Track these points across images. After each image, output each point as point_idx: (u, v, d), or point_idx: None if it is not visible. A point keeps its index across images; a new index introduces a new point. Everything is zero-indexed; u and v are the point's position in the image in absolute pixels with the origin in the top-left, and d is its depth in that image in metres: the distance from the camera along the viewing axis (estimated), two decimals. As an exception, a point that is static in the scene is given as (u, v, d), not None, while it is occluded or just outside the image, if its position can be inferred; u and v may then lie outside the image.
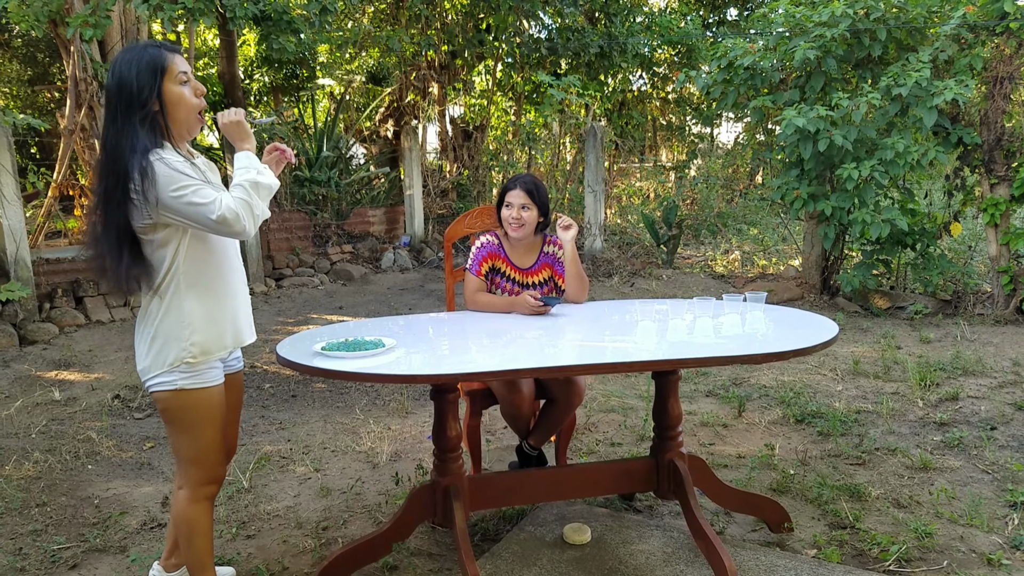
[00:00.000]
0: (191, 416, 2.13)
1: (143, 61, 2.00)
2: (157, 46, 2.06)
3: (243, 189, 2.06)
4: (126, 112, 1.99)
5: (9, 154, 5.95)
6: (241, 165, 2.11)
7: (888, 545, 2.75)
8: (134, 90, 1.99)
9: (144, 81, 1.99)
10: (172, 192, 1.95)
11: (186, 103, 2.06)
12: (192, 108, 2.08)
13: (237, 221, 1.99)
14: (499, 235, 3.15)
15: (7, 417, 4.32)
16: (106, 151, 2.02)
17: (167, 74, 2.02)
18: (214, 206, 1.96)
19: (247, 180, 2.07)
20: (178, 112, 2.05)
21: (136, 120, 1.99)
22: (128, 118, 1.99)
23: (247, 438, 4.00)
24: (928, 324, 6.12)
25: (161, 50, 2.04)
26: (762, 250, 9.57)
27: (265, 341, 5.87)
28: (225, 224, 1.98)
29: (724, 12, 13.88)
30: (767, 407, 4.32)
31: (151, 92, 2.00)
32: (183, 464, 2.20)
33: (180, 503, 2.20)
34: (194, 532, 2.20)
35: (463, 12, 10.51)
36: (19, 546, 2.92)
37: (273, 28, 7.88)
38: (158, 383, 2.10)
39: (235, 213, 1.99)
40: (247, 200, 2.04)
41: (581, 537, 2.79)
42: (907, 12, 6.16)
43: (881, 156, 5.84)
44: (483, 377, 2.47)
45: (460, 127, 11.28)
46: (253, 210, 2.05)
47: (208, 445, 2.17)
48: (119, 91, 2.00)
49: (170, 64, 2.03)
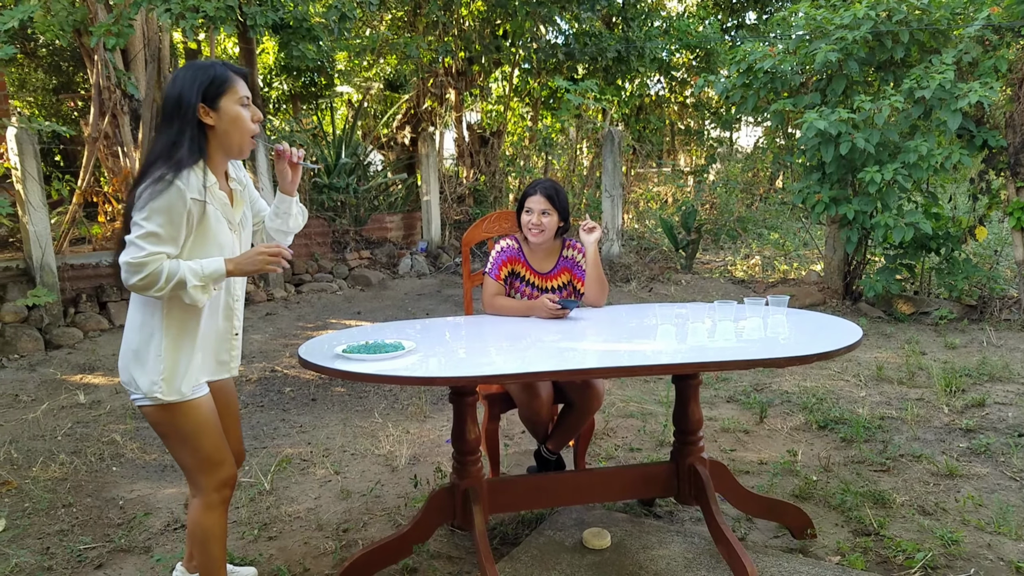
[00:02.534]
0: (186, 426, 2.11)
1: (205, 75, 2.02)
2: (224, 65, 2.08)
3: (176, 267, 1.98)
4: (175, 122, 2.01)
5: (35, 161, 6.04)
6: (208, 267, 2.03)
7: (913, 552, 2.72)
8: (186, 100, 2.01)
9: (198, 94, 2.01)
10: (137, 212, 1.95)
11: (242, 125, 2.08)
12: (247, 131, 2.10)
13: (131, 274, 1.96)
14: (519, 239, 3.15)
15: (34, 420, 4.37)
16: (147, 158, 2.05)
17: (229, 93, 2.04)
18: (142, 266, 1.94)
19: (187, 268, 1.99)
20: (233, 132, 2.07)
21: (181, 130, 2.01)
22: (179, 128, 2.01)
23: (268, 440, 4.02)
24: (953, 330, 6.04)
25: (227, 70, 2.07)
26: (783, 255, 9.50)
27: (285, 345, 5.90)
28: (125, 272, 1.96)
29: (743, 16, 13.82)
30: (789, 413, 4.28)
31: (206, 104, 2.02)
32: (190, 474, 2.19)
33: (194, 511, 2.20)
34: (208, 538, 2.19)
35: (480, 18, 10.54)
36: (46, 545, 2.95)
37: (292, 36, 7.95)
38: (142, 398, 2.10)
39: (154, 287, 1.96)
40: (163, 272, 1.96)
41: (601, 542, 2.77)
42: (930, 14, 6.10)
43: (904, 159, 5.78)
44: (502, 379, 2.47)
45: (477, 133, 11.31)
46: (151, 283, 1.97)
47: (210, 451, 2.15)
48: (175, 101, 2.02)
49: (234, 84, 2.06)
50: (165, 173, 1.95)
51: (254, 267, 2.10)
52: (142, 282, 1.95)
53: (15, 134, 5.94)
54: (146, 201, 1.93)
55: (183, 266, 1.99)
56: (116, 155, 6.90)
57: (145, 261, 1.94)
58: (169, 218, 1.96)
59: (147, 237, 1.94)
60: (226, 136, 2.07)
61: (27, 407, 4.61)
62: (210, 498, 2.18)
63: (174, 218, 1.97)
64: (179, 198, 1.96)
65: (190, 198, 1.98)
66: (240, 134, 2.08)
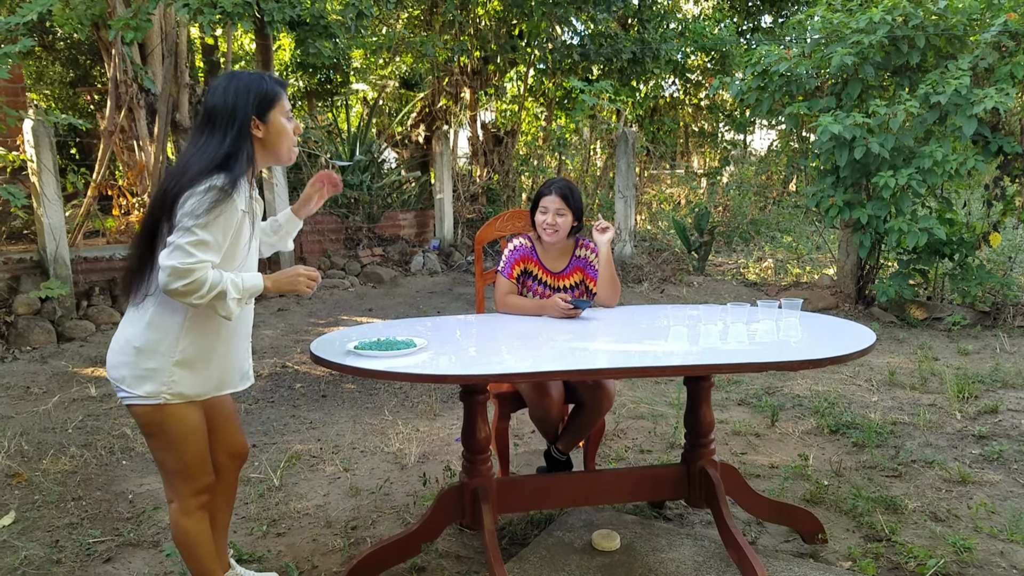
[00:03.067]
0: (174, 430, 2.10)
1: (258, 90, 2.06)
2: (272, 79, 2.12)
3: (219, 277, 1.98)
4: (229, 132, 2.03)
5: (51, 154, 6.07)
6: (248, 281, 2.06)
7: (925, 559, 2.70)
8: (240, 112, 2.04)
9: (253, 107, 2.05)
10: (187, 218, 1.93)
11: (288, 137, 2.14)
12: (292, 143, 2.16)
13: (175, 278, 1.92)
14: (532, 238, 3.15)
15: (45, 412, 4.39)
16: (182, 162, 2.05)
17: (278, 106, 2.10)
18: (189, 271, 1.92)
19: (230, 279, 2.00)
20: (281, 144, 2.13)
21: (236, 142, 2.03)
22: (234, 139, 2.03)
23: (278, 436, 4.03)
24: (966, 336, 6.00)
25: (275, 84, 2.11)
26: (796, 258, 9.46)
27: (296, 341, 5.92)
28: (169, 275, 1.92)
29: (758, 19, 13.77)
30: (801, 417, 4.26)
31: (257, 118, 2.07)
32: (169, 477, 2.17)
33: (175, 518, 2.18)
34: (193, 544, 2.19)
35: (496, 18, 10.54)
36: (56, 538, 2.97)
37: (309, 33, 7.96)
38: (133, 397, 2.07)
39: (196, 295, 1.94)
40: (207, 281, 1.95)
41: (610, 544, 2.76)
42: (946, 19, 6.05)
43: (919, 164, 5.74)
44: (513, 379, 2.46)
45: (491, 132, 11.30)
46: (194, 290, 1.94)
47: (193, 457, 2.14)
48: (229, 112, 2.04)
49: (282, 98, 2.11)
50: (224, 185, 1.96)
51: (291, 287, 2.15)
52: (184, 287, 1.93)
53: (32, 126, 5.97)
54: (205, 209, 1.93)
55: (226, 277, 1.99)
56: (132, 149, 6.93)
57: (192, 267, 1.92)
58: (223, 229, 1.98)
59: (198, 245, 1.94)
60: (272, 148, 2.13)
61: (38, 399, 4.64)
62: (187, 503, 2.17)
63: (226, 229, 1.99)
64: (234, 210, 1.99)
65: (241, 209, 2.02)
66: (286, 146, 2.14)
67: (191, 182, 1.97)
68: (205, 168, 1.99)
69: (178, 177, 2.01)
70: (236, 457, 2.39)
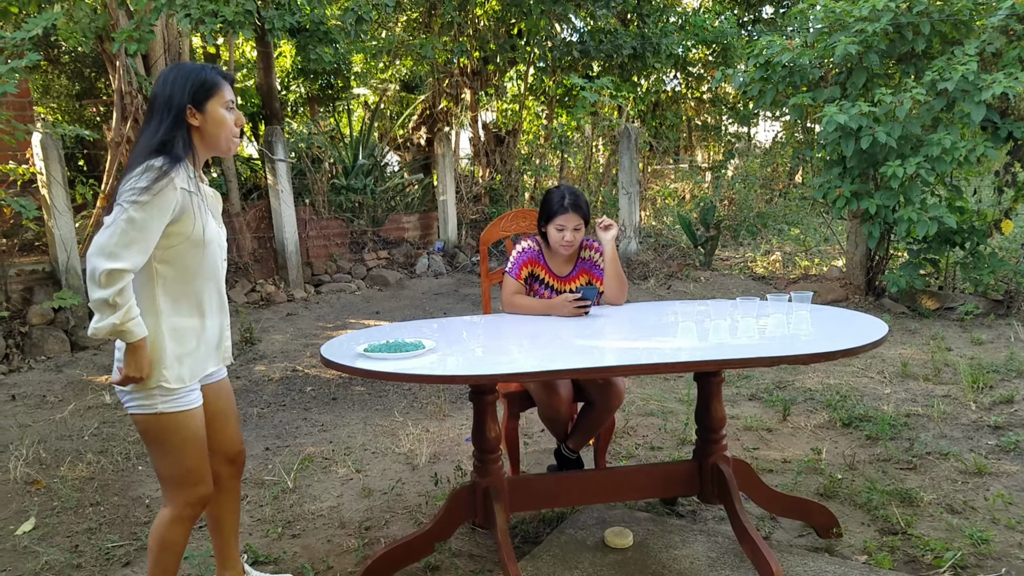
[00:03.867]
0: (173, 439, 2.10)
1: (196, 79, 2.09)
2: (213, 69, 2.14)
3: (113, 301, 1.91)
4: (165, 120, 2.06)
5: (60, 166, 6.10)
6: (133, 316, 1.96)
7: (942, 551, 2.68)
8: (176, 101, 2.07)
9: (188, 95, 2.07)
10: (124, 194, 1.94)
11: (228, 128, 2.15)
12: (231, 133, 2.17)
13: (95, 289, 1.90)
14: (539, 242, 3.14)
15: (61, 420, 4.42)
16: (135, 152, 2.06)
17: (216, 96, 2.11)
18: (116, 256, 1.90)
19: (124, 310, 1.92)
20: (219, 133, 2.13)
21: (172, 129, 2.05)
22: (169, 126, 2.05)
23: (290, 439, 4.05)
24: (979, 325, 5.96)
25: (216, 74, 2.13)
26: (804, 251, 9.42)
27: (306, 345, 5.93)
28: (94, 280, 1.90)
29: (759, 10, 13.72)
30: (813, 411, 4.24)
31: (194, 106, 2.08)
32: (166, 484, 2.17)
33: (161, 521, 2.17)
34: (164, 549, 2.17)
35: (495, 17, 10.53)
36: (75, 543, 2.99)
37: (309, 39, 7.98)
38: (136, 405, 2.07)
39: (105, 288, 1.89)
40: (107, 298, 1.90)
41: (623, 541, 2.76)
42: (952, 4, 6.01)
43: (927, 152, 5.71)
44: (523, 378, 2.46)
45: (492, 132, 11.31)
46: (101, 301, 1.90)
47: (191, 466, 2.13)
48: (165, 101, 2.07)
49: (221, 89, 2.12)
50: (162, 165, 1.97)
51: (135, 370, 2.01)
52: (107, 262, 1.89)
53: (40, 139, 6.01)
54: (142, 187, 1.94)
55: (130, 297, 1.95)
56: (137, 159, 6.96)
57: (117, 246, 1.90)
58: (159, 208, 1.96)
59: (129, 222, 1.92)
60: (211, 137, 2.13)
61: (54, 407, 4.67)
62: (181, 512, 2.16)
63: (163, 208, 1.97)
64: (170, 186, 1.98)
65: (180, 187, 2.01)
66: (225, 136, 2.15)
67: (129, 168, 2.01)
68: (141, 153, 2.02)
69: (124, 171, 2.05)
70: (233, 462, 2.39)
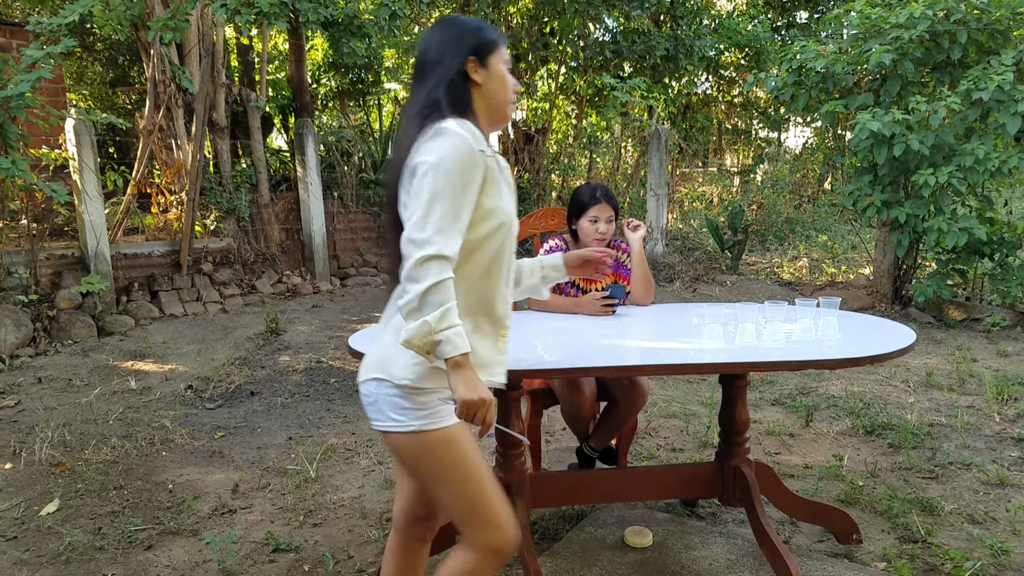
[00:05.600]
0: (444, 457, 1.69)
1: (476, 32, 1.76)
2: (488, 25, 1.83)
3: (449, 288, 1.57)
4: (435, 75, 1.73)
5: (92, 152, 6.21)
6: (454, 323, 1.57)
7: (962, 561, 2.66)
8: (454, 54, 1.73)
9: (470, 49, 1.74)
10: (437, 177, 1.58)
11: (508, 87, 1.80)
12: (511, 96, 1.81)
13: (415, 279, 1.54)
14: (567, 240, 3.15)
15: (87, 404, 4.50)
16: (406, 116, 1.75)
17: (497, 52, 1.78)
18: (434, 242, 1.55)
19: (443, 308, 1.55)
20: (503, 93, 1.78)
21: (440, 82, 1.71)
22: (438, 79, 1.72)
23: (313, 429, 4.09)
24: (1006, 337, 5.88)
25: (493, 30, 1.81)
26: (831, 257, 9.34)
27: (330, 337, 5.98)
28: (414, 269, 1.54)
29: (794, 14, 13.61)
30: (836, 417, 4.21)
31: (477, 60, 1.75)
32: (461, 524, 1.74)
33: (456, 560, 1.74)
34: None
35: (528, 16, 10.54)
36: (98, 526, 3.04)
37: (343, 33, 8.04)
38: (391, 424, 1.70)
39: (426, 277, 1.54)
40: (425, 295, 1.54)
41: (642, 540, 2.77)
42: (989, 14, 5.93)
43: (960, 162, 5.64)
44: (548, 374, 2.47)
45: (522, 130, 11.31)
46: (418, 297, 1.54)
47: (482, 498, 1.70)
48: (437, 55, 1.75)
49: (501, 46, 1.80)
50: (451, 125, 1.62)
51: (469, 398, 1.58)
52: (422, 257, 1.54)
53: (73, 125, 6.11)
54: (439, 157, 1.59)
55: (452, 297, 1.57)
56: (169, 148, 7.05)
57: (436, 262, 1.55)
58: (462, 176, 1.59)
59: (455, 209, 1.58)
60: (494, 97, 1.77)
61: (80, 391, 4.75)
62: (483, 560, 1.72)
63: (468, 180, 1.60)
64: (472, 153, 1.61)
65: (477, 149, 1.63)
66: (506, 96, 1.80)
67: (410, 140, 1.67)
68: (415, 114, 1.70)
69: (399, 145, 1.73)
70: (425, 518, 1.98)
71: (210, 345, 5.78)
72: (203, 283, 7.01)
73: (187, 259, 6.95)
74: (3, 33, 7.23)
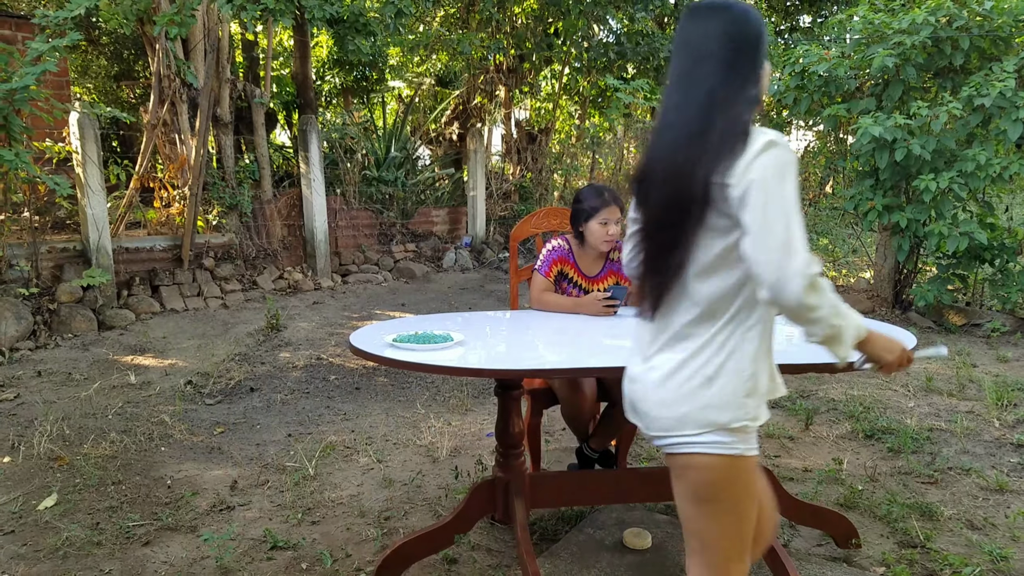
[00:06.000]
0: (747, 486, 1.59)
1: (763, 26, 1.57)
2: None
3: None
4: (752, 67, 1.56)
5: (96, 146, 6.21)
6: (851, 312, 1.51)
7: (961, 566, 2.66)
8: (764, 47, 1.56)
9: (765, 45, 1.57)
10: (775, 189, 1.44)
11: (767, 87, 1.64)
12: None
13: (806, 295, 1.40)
14: (569, 240, 3.15)
15: (86, 398, 4.50)
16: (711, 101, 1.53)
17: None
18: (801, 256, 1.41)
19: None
20: (764, 91, 1.62)
21: (755, 77, 1.56)
22: (755, 78, 1.56)
23: (312, 427, 4.09)
24: (1006, 342, 5.89)
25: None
26: (832, 261, 9.35)
27: (331, 334, 5.99)
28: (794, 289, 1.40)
29: (796, 18, 13.59)
30: (835, 421, 4.22)
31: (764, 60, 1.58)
32: (718, 555, 1.62)
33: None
34: None
35: (533, 16, 10.55)
36: (96, 521, 3.04)
37: (348, 30, 8.05)
38: (706, 443, 1.56)
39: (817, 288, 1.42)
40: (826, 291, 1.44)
41: (641, 542, 2.77)
42: (991, 21, 5.93)
43: (961, 168, 5.64)
44: (549, 374, 2.48)
45: (525, 130, 11.32)
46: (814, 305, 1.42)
47: (749, 532, 1.63)
48: (756, 43, 1.56)
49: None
50: (778, 139, 1.49)
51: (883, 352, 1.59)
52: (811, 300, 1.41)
53: (77, 119, 6.12)
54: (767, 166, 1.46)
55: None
56: (173, 142, 7.06)
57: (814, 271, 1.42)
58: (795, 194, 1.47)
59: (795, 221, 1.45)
60: (761, 95, 1.61)
61: (79, 385, 4.75)
62: None
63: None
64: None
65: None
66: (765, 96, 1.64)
67: (731, 140, 1.49)
68: (734, 102, 1.52)
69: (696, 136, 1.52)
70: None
71: (210, 340, 5.78)
72: (204, 278, 7.02)
73: (189, 254, 6.96)
74: (9, 26, 7.23)
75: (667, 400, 1.58)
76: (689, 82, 1.56)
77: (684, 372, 1.57)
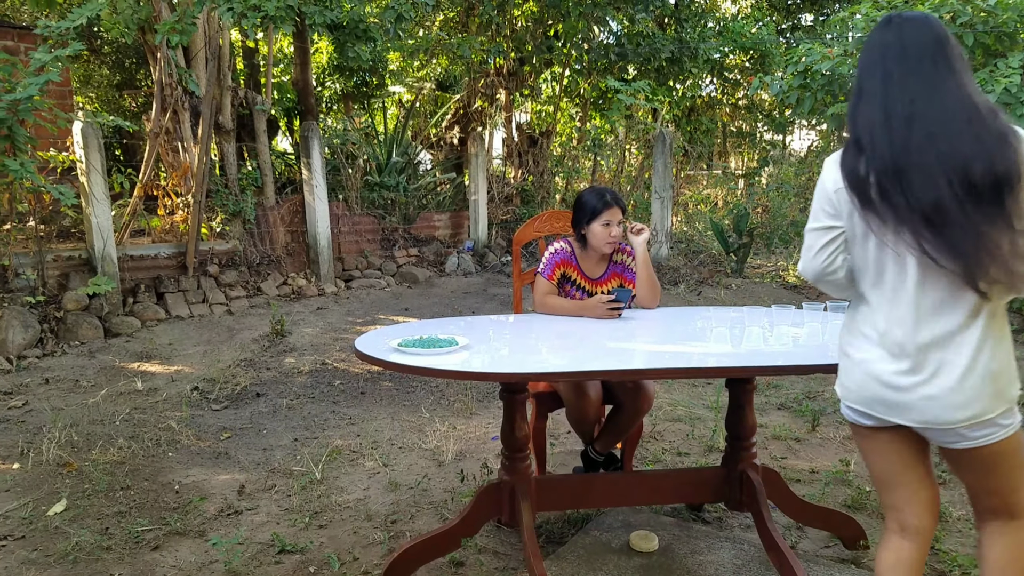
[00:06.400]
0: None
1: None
2: None
3: None
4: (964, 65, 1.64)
5: (99, 155, 6.23)
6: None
7: (970, 567, 2.65)
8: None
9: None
10: None
11: None
12: None
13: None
14: (572, 243, 3.15)
15: (93, 405, 4.51)
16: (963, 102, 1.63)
17: None
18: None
19: None
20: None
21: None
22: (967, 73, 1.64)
23: (319, 431, 4.10)
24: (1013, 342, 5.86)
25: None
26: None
27: (335, 339, 5.99)
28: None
29: (799, 17, 13.60)
30: (842, 422, 4.20)
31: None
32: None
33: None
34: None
35: (532, 19, 10.56)
36: (105, 526, 3.05)
37: (348, 36, 8.06)
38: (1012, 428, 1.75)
39: None
40: None
41: (648, 545, 2.76)
42: (996, 16, 5.92)
43: (965, 165, 5.63)
44: (554, 377, 2.47)
45: (526, 133, 11.32)
46: None
47: None
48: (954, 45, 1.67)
49: None
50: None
51: None
52: None
53: (81, 128, 6.14)
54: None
55: None
56: (176, 150, 7.08)
57: None
58: None
59: None
60: None
61: (87, 392, 4.77)
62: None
63: None
64: None
65: None
66: None
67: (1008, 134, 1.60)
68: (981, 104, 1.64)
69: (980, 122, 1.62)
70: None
71: (216, 347, 5.79)
72: (209, 285, 7.03)
73: (193, 261, 6.97)
74: (11, 36, 7.26)
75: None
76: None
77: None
